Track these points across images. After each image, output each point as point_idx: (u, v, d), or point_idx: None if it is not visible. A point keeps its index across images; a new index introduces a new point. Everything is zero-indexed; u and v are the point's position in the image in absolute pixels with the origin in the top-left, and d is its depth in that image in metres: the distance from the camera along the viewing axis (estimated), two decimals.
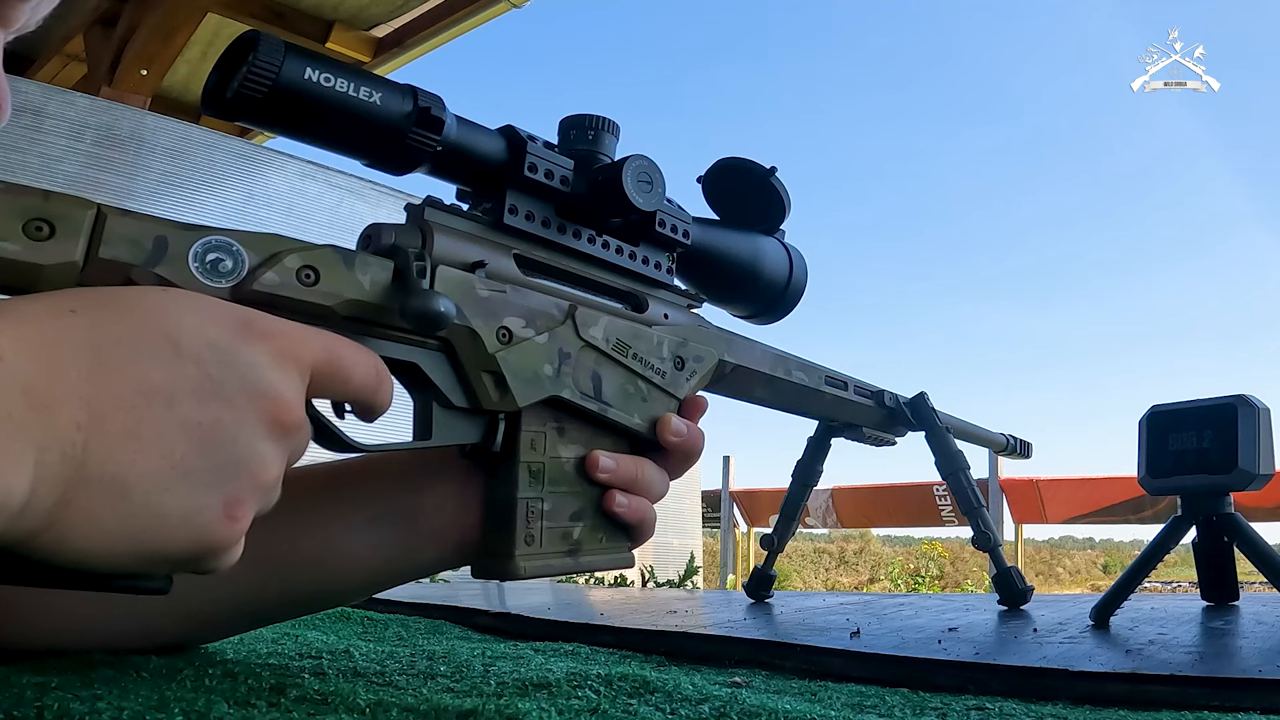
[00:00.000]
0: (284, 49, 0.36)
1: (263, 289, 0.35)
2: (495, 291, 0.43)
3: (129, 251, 0.33)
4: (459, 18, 3.41)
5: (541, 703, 0.40)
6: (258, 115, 0.37)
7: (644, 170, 0.47)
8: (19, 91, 2.90)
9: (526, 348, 0.44)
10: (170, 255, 0.33)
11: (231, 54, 0.38)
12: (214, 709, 0.34)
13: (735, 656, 0.66)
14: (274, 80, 0.36)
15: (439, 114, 0.41)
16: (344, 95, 0.38)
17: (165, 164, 3.31)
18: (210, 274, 0.34)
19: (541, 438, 0.46)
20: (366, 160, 0.42)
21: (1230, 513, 0.75)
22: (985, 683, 0.53)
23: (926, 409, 0.84)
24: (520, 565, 0.45)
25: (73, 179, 2.95)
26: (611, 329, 0.49)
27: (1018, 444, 1.00)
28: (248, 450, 0.31)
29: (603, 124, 0.49)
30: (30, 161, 2.88)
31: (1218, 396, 0.75)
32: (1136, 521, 6.16)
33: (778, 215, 0.59)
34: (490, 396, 0.43)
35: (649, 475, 0.50)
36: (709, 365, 0.55)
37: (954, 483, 0.89)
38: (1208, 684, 0.48)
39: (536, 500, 0.46)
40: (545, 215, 0.47)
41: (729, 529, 7.29)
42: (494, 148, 0.44)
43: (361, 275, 0.38)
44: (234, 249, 0.35)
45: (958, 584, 9.00)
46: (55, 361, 0.27)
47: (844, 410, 0.72)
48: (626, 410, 0.49)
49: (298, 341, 0.33)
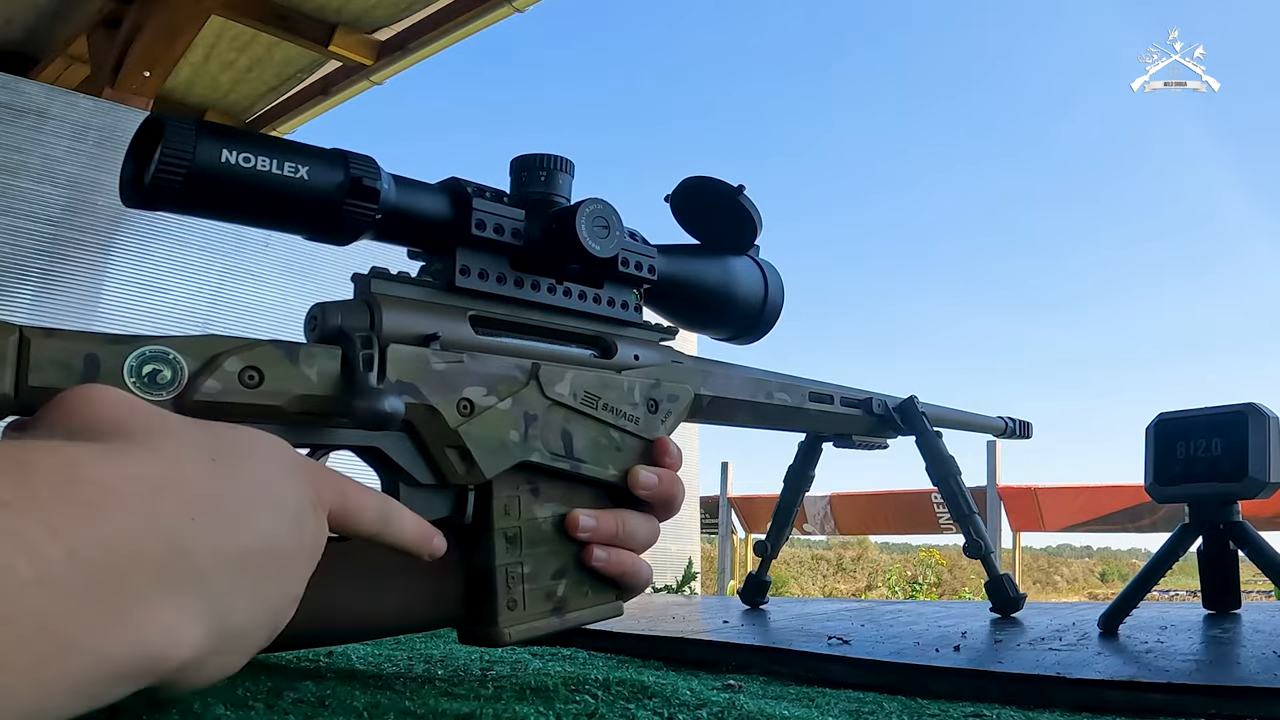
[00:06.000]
0: (194, 132, 0.35)
1: (205, 398, 0.34)
2: (452, 363, 0.42)
3: (59, 375, 0.31)
4: (461, 21, 3.42)
5: (539, 707, 0.40)
6: (179, 203, 0.36)
7: (599, 215, 0.46)
8: (21, 92, 2.90)
9: (489, 417, 0.43)
10: (104, 374, 0.32)
11: (142, 139, 0.36)
12: (210, 710, 0.34)
13: (733, 662, 0.65)
14: (188, 166, 0.35)
15: (372, 183, 0.39)
16: (266, 174, 0.36)
17: None
18: (149, 388, 0.33)
19: (515, 501, 0.45)
20: (305, 234, 0.41)
21: (1239, 520, 0.74)
22: (983, 689, 0.53)
23: (916, 413, 0.82)
24: (504, 632, 0.44)
25: (75, 180, 2.95)
26: (579, 382, 0.47)
27: (1016, 425, 0.97)
28: (300, 585, 0.32)
29: (556, 163, 0.47)
30: (32, 163, 2.89)
31: (1227, 404, 0.74)
32: (1135, 530, 6.16)
33: (749, 234, 0.58)
34: (456, 471, 0.42)
35: (631, 526, 0.48)
36: (684, 403, 0.53)
37: (945, 489, 0.87)
38: (1206, 692, 0.48)
39: (516, 565, 0.44)
40: (500, 271, 0.45)
41: (727, 535, 7.28)
42: (438, 207, 0.43)
43: (308, 369, 0.37)
44: (170, 357, 0.34)
45: (955, 591, 8.99)
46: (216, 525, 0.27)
47: (830, 423, 0.72)
48: (600, 463, 0.48)
49: (323, 485, 0.34)
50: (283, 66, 3.86)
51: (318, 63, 3.81)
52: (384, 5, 3.46)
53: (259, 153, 0.36)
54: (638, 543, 0.49)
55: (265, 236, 3.06)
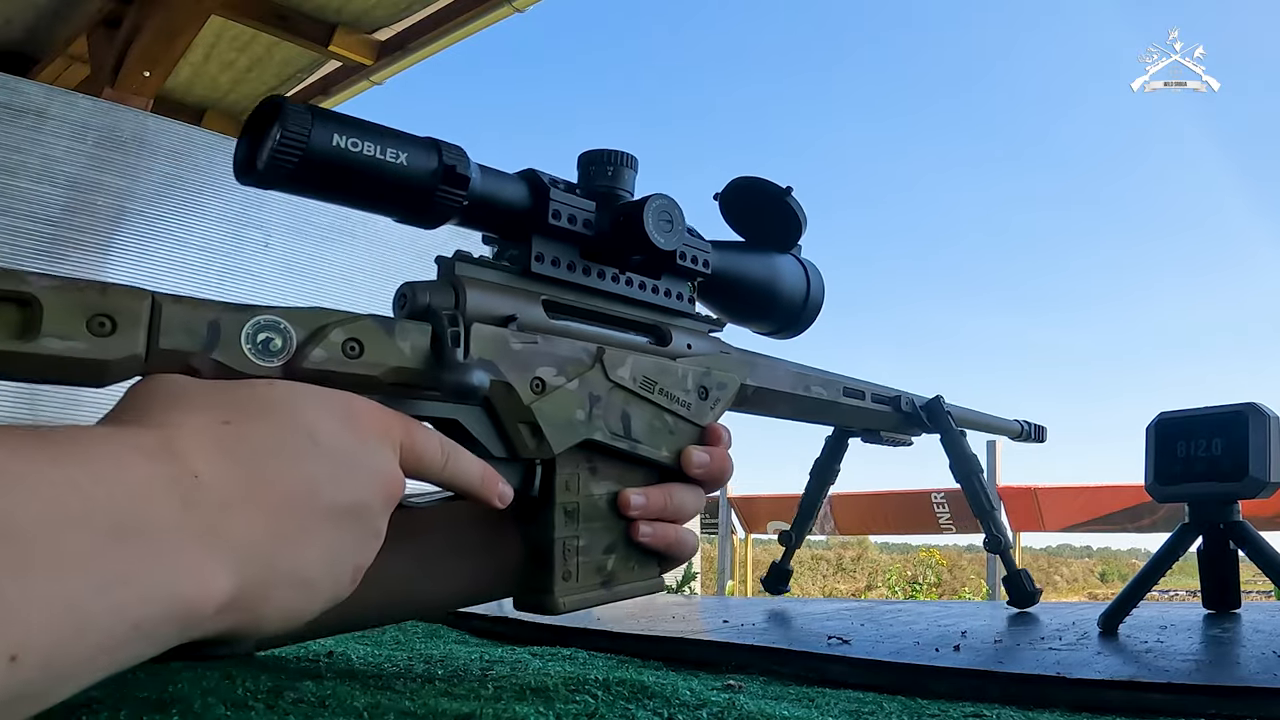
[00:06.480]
0: (310, 116, 0.37)
1: (312, 366, 0.36)
2: (527, 344, 0.44)
3: (186, 339, 0.33)
4: (461, 21, 3.42)
5: (539, 707, 0.40)
6: (289, 184, 0.38)
7: (664, 210, 0.48)
8: (21, 92, 2.90)
9: (559, 396, 0.45)
10: (224, 340, 0.34)
11: (256, 121, 0.38)
12: (211, 710, 0.34)
13: (733, 662, 0.65)
14: (304, 150, 0.37)
15: (464, 171, 0.42)
16: (371, 159, 0.39)
17: (167, 166, 3.31)
18: (262, 354, 0.35)
19: (575, 478, 0.47)
20: (396, 217, 0.43)
21: (1239, 520, 0.74)
22: (983, 689, 0.53)
23: (942, 413, 0.86)
24: (560, 601, 0.46)
25: (74, 180, 2.95)
26: (638, 367, 0.50)
27: (1032, 429, 1.01)
28: (371, 524, 0.34)
29: (621, 159, 0.50)
30: (31, 163, 2.88)
31: (1227, 404, 0.74)
32: (1135, 530, 6.15)
33: (794, 233, 0.61)
34: (528, 445, 0.44)
35: (679, 499, 0.51)
36: (732, 391, 0.56)
37: (968, 485, 0.90)
38: (1206, 692, 0.48)
39: (573, 538, 0.47)
40: (570, 259, 0.48)
41: (727, 535, 7.27)
42: (518, 196, 0.46)
43: (402, 343, 0.39)
44: (282, 327, 0.36)
45: (955, 591, 8.99)
46: (235, 474, 0.30)
47: (861, 418, 0.75)
48: (655, 445, 0.50)
49: (389, 422, 0.36)
50: (283, 66, 3.86)
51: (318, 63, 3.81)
52: (384, 5, 3.46)
53: (365, 138, 0.38)
54: (685, 515, 0.51)
55: (265, 237, 3.06)
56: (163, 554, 0.27)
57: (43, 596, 0.23)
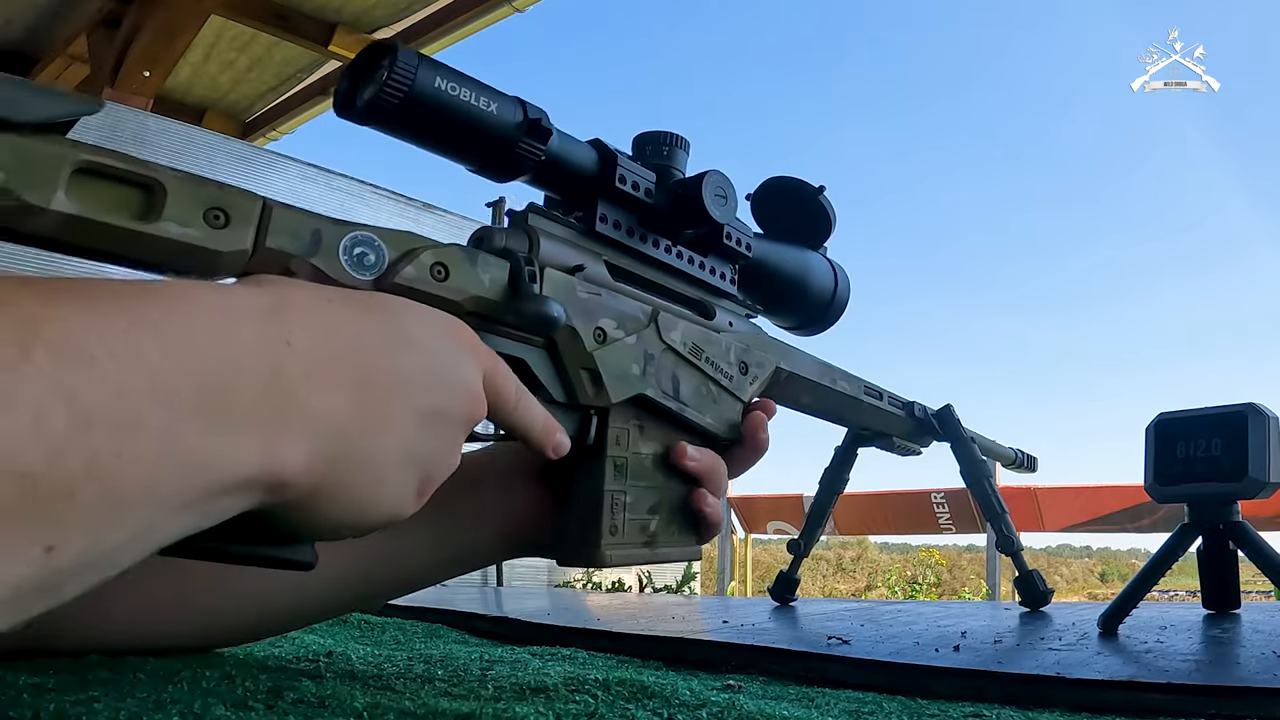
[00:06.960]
0: (418, 59, 0.38)
1: (402, 282, 0.37)
2: (592, 294, 0.46)
3: (290, 242, 0.34)
4: (460, 21, 3.43)
5: (539, 706, 0.40)
6: (388, 122, 0.39)
7: (720, 185, 0.50)
8: None
9: (618, 348, 0.47)
10: (324, 248, 0.36)
11: (363, 61, 0.40)
12: (211, 711, 0.34)
13: (732, 662, 0.65)
14: (409, 89, 0.38)
15: (547, 125, 0.43)
16: (466, 104, 0.40)
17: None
18: (357, 266, 0.36)
19: (625, 434, 0.49)
20: (474, 166, 0.44)
21: (1239, 520, 0.74)
22: (983, 689, 0.53)
23: (953, 420, 0.88)
24: (606, 553, 0.47)
25: None
26: (688, 333, 0.52)
27: (1024, 458, 1.04)
28: (450, 437, 0.34)
29: (676, 140, 0.52)
30: None
31: (1227, 404, 0.74)
32: (1134, 530, 6.15)
33: (824, 232, 0.63)
34: (587, 392, 0.46)
35: (722, 469, 0.53)
36: (769, 371, 0.58)
37: (979, 489, 0.93)
38: (1206, 692, 0.48)
39: (620, 493, 0.48)
40: (630, 224, 0.50)
41: (726, 535, 7.26)
42: (588, 159, 0.47)
43: (483, 274, 0.41)
44: (376, 244, 0.37)
45: (955, 591, 8.99)
46: (329, 348, 0.30)
47: (879, 420, 0.76)
48: (700, 410, 0.52)
49: (480, 347, 0.37)
50: (282, 66, 3.86)
51: (318, 63, 3.81)
52: (384, 5, 3.47)
53: (463, 85, 0.40)
54: (722, 488, 0.53)
55: None
56: (235, 429, 0.26)
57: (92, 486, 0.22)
